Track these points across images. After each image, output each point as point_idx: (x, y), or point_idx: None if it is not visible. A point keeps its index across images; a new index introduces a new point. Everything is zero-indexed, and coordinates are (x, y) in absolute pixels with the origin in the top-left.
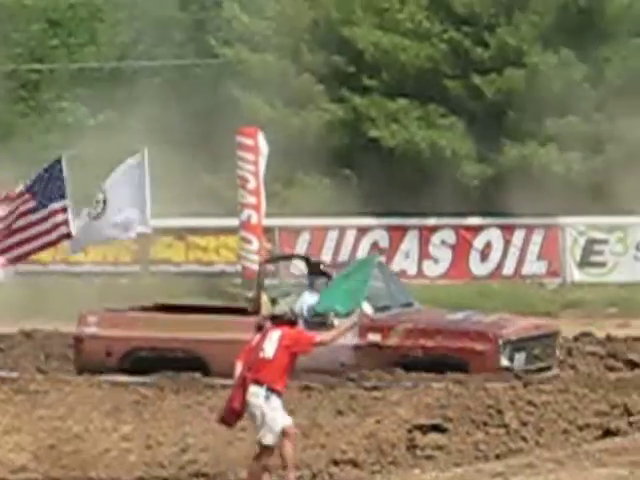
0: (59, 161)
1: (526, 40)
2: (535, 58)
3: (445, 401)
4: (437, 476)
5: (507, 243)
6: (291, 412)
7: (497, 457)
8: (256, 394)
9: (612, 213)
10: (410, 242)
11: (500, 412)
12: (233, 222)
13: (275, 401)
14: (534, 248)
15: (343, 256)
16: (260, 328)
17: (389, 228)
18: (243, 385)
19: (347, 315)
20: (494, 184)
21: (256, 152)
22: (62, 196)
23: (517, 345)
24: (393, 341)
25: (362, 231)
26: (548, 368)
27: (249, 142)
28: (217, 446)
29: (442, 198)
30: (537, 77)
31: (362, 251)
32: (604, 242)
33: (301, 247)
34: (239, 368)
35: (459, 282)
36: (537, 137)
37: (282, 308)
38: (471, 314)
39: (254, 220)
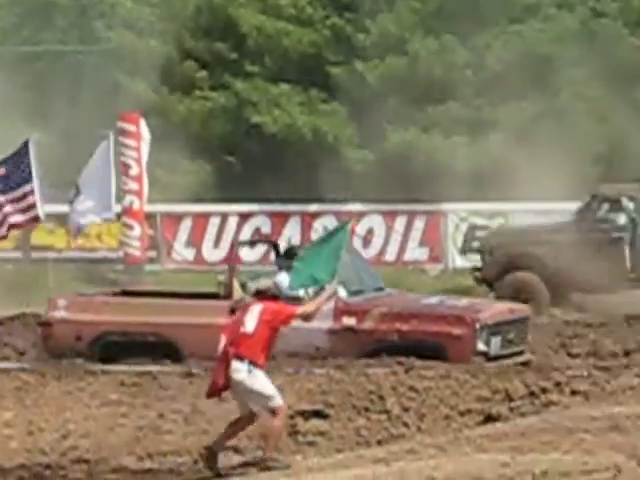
0: (26, 144)
1: (407, 26)
2: (416, 44)
3: (327, 387)
4: (319, 462)
5: (389, 229)
6: (172, 398)
7: (379, 443)
8: (238, 369)
9: (494, 199)
10: (292, 228)
11: (382, 398)
12: (115, 208)
13: (258, 373)
14: (416, 234)
15: (224, 242)
16: (233, 312)
17: (271, 214)
18: (225, 360)
19: (324, 285)
20: (376, 170)
21: (138, 138)
22: (29, 179)
23: (493, 329)
24: (368, 325)
25: (244, 217)
26: (521, 352)
27: (131, 128)
28: (98, 432)
29: (324, 184)
30: (418, 63)
31: (243, 238)
32: (486, 228)
33: (183, 233)
34: (221, 343)
35: None
36: (419, 123)
37: (266, 282)
38: (445, 299)
39: (136, 206)
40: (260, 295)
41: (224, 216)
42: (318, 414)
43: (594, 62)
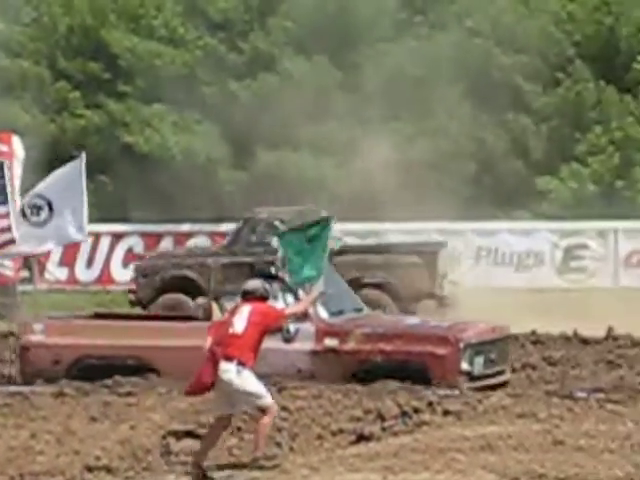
0: (1, 165)
1: (278, 45)
2: (287, 64)
3: (199, 406)
4: None
5: None
6: (44, 419)
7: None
8: (227, 370)
9: (367, 219)
10: (165, 248)
11: (254, 418)
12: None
13: (247, 373)
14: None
15: (97, 262)
16: None
17: (144, 234)
18: (212, 360)
19: (308, 284)
20: (249, 190)
21: (11, 157)
22: (4, 200)
23: (477, 349)
24: (351, 346)
25: (117, 237)
26: (503, 372)
27: (3, 148)
28: None
29: (197, 204)
30: (290, 83)
31: (116, 258)
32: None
33: (56, 253)
34: (207, 343)
35: None
36: (291, 143)
37: (254, 283)
38: (426, 319)
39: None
40: (248, 296)
41: (97, 236)
42: (191, 434)
43: (467, 82)
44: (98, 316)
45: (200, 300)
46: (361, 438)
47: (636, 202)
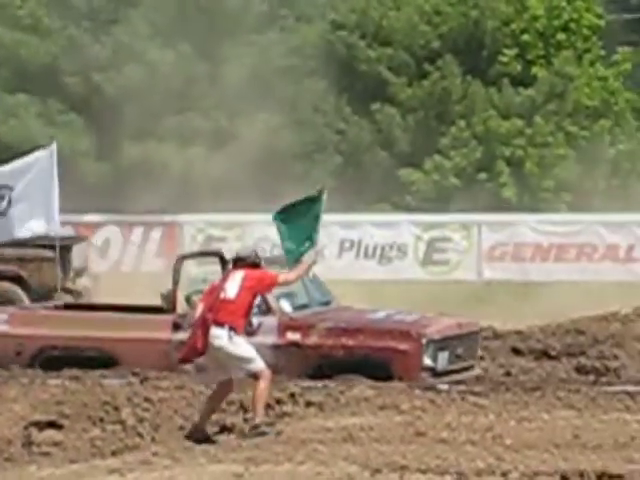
0: None
1: (143, 37)
2: (153, 55)
3: (61, 397)
4: (53, 473)
5: (126, 240)
6: None
7: (113, 454)
8: (219, 336)
9: (232, 210)
10: None
11: (117, 408)
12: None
13: (238, 339)
14: (152, 246)
15: None
16: (177, 326)
17: None
18: (203, 326)
19: (302, 255)
20: (113, 181)
21: None
22: None
23: (440, 344)
24: (313, 340)
25: None
26: (471, 367)
27: None
28: None
29: (61, 195)
30: (156, 74)
31: None
32: (222, 239)
33: None
34: (199, 309)
35: None
36: (156, 134)
37: (246, 250)
38: (393, 313)
39: None
40: (240, 262)
41: None
42: (52, 425)
43: (332, 74)
44: (68, 307)
45: (164, 291)
46: (223, 429)
47: (499, 195)
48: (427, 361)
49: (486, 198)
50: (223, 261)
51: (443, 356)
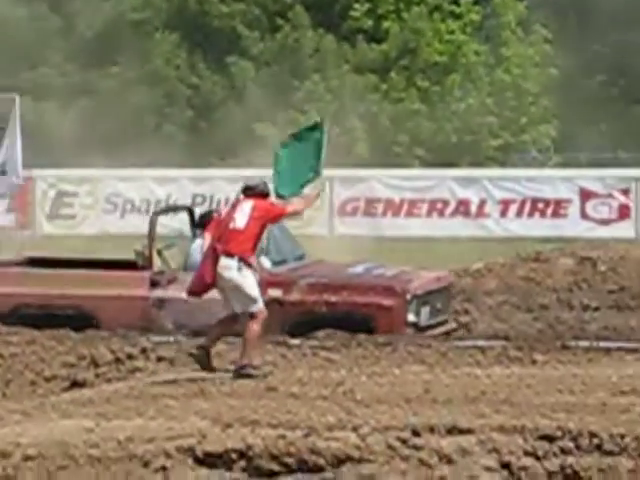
0: None
1: None
2: (5, 10)
3: None
4: None
5: None
6: None
7: None
8: (228, 266)
9: (84, 165)
10: None
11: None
12: None
13: (247, 273)
14: (2, 201)
15: None
16: (154, 283)
17: None
18: (213, 256)
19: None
20: None
21: None
22: None
23: (423, 299)
24: (295, 297)
25: None
26: (446, 321)
27: None
28: None
29: None
30: (8, 29)
31: None
32: (74, 195)
33: None
34: (208, 240)
35: None
36: (10, 89)
37: (254, 180)
38: (371, 267)
39: None
40: (249, 192)
41: None
42: None
43: (184, 29)
44: (33, 262)
45: (139, 247)
46: (74, 384)
47: (351, 150)
48: (411, 316)
49: (339, 153)
50: (192, 217)
51: (425, 311)
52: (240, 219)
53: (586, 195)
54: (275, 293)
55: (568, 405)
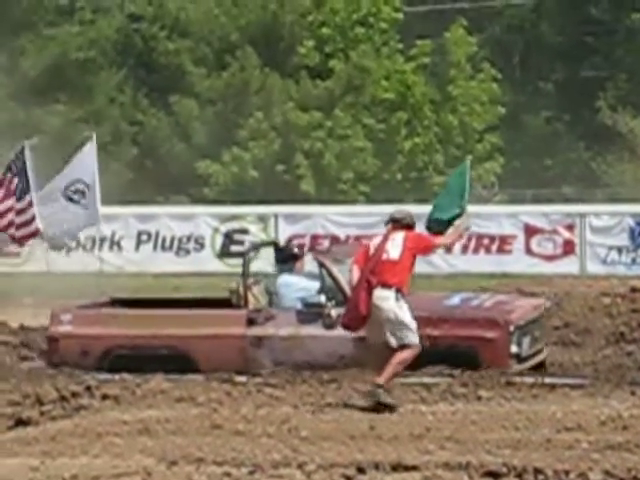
0: (22, 150)
1: None
2: None
3: None
4: None
5: None
6: None
7: None
8: (386, 297)
9: None
10: None
11: None
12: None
13: (404, 304)
14: None
15: None
16: (251, 322)
17: None
18: (368, 289)
19: (455, 219)
20: None
21: None
22: (28, 188)
23: (524, 329)
24: None
25: None
26: (542, 350)
27: None
28: None
29: None
30: None
31: None
32: None
33: None
34: (356, 272)
35: None
36: None
37: (402, 211)
38: (466, 297)
39: None
40: (396, 224)
41: None
42: None
43: (129, 66)
44: (115, 303)
45: (233, 285)
46: (19, 422)
47: (297, 187)
48: (514, 348)
49: (285, 190)
50: (278, 251)
51: (526, 341)
52: (393, 250)
53: (531, 231)
54: None
55: (513, 441)
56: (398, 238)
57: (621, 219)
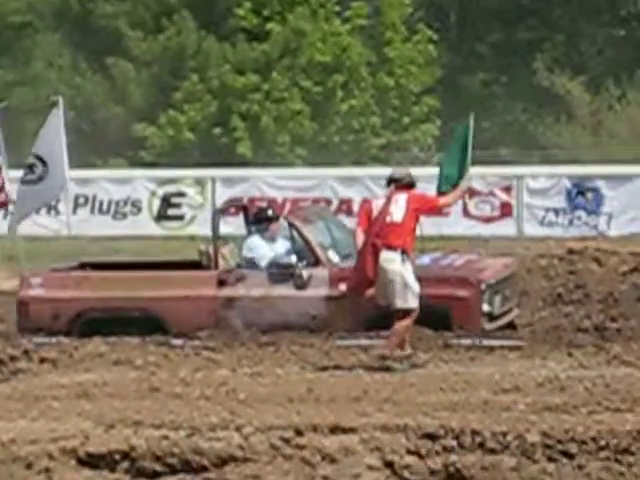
0: None
1: None
2: None
3: None
4: None
5: None
6: None
7: None
8: (392, 259)
9: None
10: None
11: None
12: None
13: (409, 265)
14: None
15: None
16: (222, 283)
17: None
18: (374, 252)
19: (458, 181)
20: None
21: None
22: None
23: (495, 288)
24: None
25: None
26: (512, 309)
27: None
28: None
29: None
30: None
31: None
32: None
33: None
34: (360, 236)
35: None
36: None
37: (401, 171)
38: (436, 257)
39: None
40: (397, 184)
41: None
42: None
43: (67, 29)
44: (84, 266)
45: (202, 246)
46: None
47: (234, 150)
48: (486, 306)
49: (221, 153)
50: (247, 214)
51: (497, 299)
52: (397, 212)
53: (468, 193)
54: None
55: (451, 403)
56: (401, 200)
57: (558, 181)
